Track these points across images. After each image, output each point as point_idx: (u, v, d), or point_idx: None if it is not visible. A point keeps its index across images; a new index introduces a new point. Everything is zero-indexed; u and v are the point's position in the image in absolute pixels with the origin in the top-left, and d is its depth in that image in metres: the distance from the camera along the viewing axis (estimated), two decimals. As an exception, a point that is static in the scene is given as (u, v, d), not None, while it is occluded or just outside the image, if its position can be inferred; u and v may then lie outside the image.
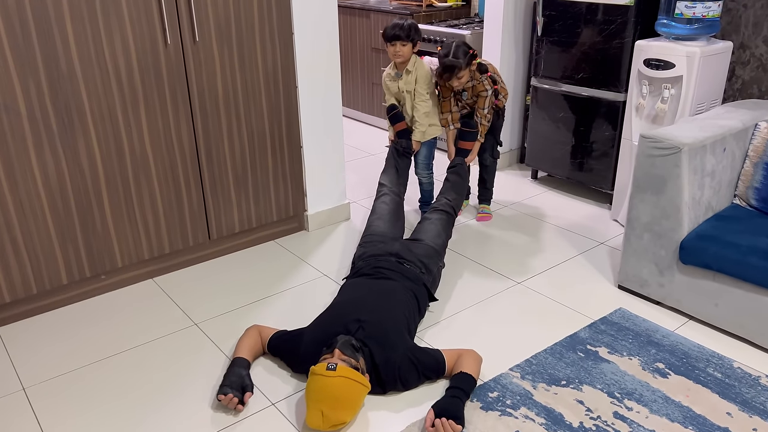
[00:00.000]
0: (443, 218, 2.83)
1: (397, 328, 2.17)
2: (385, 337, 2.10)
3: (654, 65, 2.94)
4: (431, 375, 2.12)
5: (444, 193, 3.00)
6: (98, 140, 2.52)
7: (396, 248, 2.59)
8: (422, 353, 2.12)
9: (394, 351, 2.07)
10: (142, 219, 2.73)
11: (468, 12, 4.74)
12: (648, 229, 2.52)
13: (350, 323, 2.12)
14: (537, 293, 2.71)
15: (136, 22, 2.46)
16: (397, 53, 2.99)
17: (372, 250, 2.62)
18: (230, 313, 2.60)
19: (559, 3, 3.41)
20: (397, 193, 3.01)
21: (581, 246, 3.12)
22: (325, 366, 1.88)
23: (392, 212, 2.89)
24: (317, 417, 1.86)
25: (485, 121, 3.14)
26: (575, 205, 3.60)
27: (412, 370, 2.07)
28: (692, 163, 2.38)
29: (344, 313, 2.20)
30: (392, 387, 2.08)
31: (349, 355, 1.95)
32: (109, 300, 2.71)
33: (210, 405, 2.08)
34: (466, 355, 2.13)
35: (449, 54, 2.94)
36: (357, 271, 2.53)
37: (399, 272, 2.44)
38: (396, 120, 3.14)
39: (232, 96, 2.81)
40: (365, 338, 2.06)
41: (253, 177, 3.01)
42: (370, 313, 2.16)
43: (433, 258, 2.62)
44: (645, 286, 2.61)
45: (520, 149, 4.22)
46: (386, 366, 2.04)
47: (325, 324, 2.19)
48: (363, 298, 2.28)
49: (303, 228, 3.32)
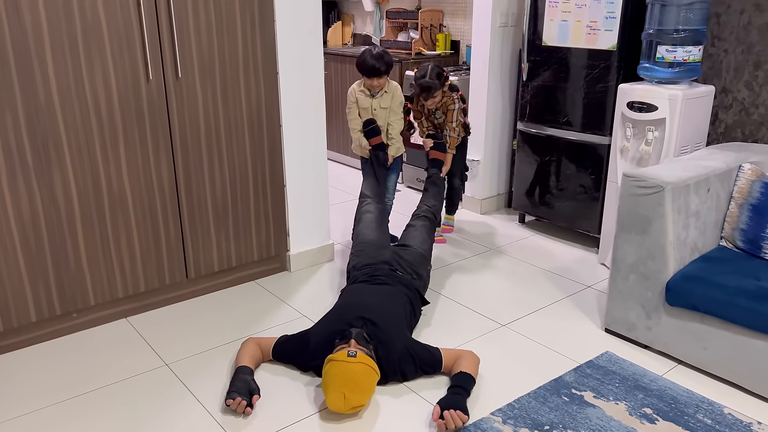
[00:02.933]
0: (426, 224, 3.03)
1: (397, 325, 2.34)
2: (387, 333, 2.26)
3: (637, 108, 2.95)
4: (428, 369, 2.28)
5: (424, 201, 3.22)
6: (75, 175, 2.48)
7: (388, 256, 2.75)
8: (421, 348, 2.29)
9: (394, 345, 2.24)
10: (117, 256, 2.67)
11: (456, 60, 4.81)
12: (633, 270, 2.47)
13: (355, 321, 2.28)
14: (522, 336, 2.63)
15: (118, 56, 2.46)
16: (377, 85, 3.18)
17: (365, 259, 2.77)
18: (203, 354, 2.51)
19: (543, 48, 3.45)
20: (379, 201, 3.19)
21: (568, 289, 3.06)
22: (345, 353, 2.04)
23: (377, 219, 3.06)
24: (339, 400, 2.00)
25: (454, 133, 3.38)
26: (562, 248, 3.55)
27: (410, 363, 2.24)
28: (676, 202, 2.35)
29: (348, 312, 2.35)
30: (393, 378, 2.25)
31: (364, 345, 2.13)
32: (79, 339, 2.61)
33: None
34: (465, 356, 2.28)
35: (426, 76, 3.21)
36: (354, 279, 2.68)
37: (394, 279, 2.61)
38: (374, 134, 3.27)
39: (214, 132, 2.80)
40: (370, 334, 2.23)
41: (234, 215, 2.97)
42: (372, 312, 2.32)
43: (421, 263, 2.82)
44: (632, 330, 2.54)
45: (507, 194, 4.20)
46: (388, 359, 2.21)
47: (330, 323, 2.35)
48: (364, 300, 2.45)
49: (285, 268, 3.25)
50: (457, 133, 3.38)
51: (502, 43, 3.83)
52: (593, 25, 3.19)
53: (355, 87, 3.30)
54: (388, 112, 3.27)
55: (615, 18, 3.09)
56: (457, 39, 4.81)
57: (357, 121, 3.30)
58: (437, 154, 3.40)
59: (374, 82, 3.16)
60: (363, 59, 3.12)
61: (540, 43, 3.46)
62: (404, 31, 5.08)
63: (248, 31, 2.77)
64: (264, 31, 2.82)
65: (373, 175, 3.29)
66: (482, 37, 3.81)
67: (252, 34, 2.78)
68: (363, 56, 3.13)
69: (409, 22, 5.01)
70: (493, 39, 3.78)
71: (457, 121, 3.36)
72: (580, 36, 3.26)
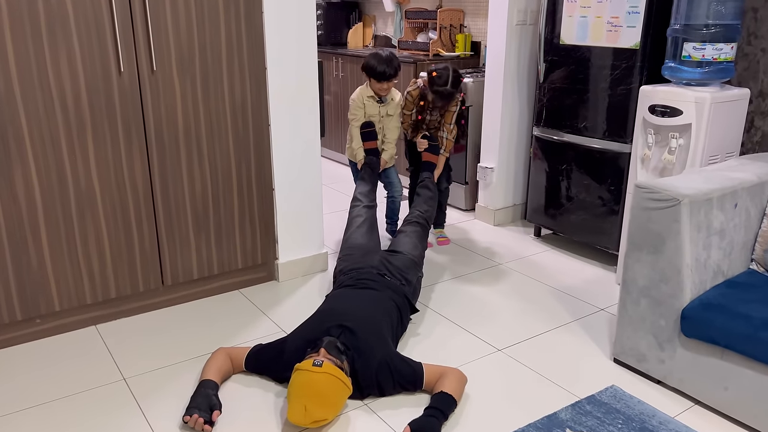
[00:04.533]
0: (418, 230, 2.89)
1: (379, 335, 2.17)
2: (366, 342, 2.11)
3: (660, 112, 2.64)
4: (407, 385, 2.10)
5: (416, 207, 3.06)
6: (38, 170, 2.33)
7: (376, 261, 2.62)
8: (401, 362, 2.11)
9: (372, 356, 2.08)
10: (85, 259, 2.50)
11: (477, 62, 4.54)
12: (645, 294, 2.17)
13: (333, 328, 2.13)
14: (518, 363, 2.36)
15: (86, 44, 2.30)
16: (386, 88, 3.12)
17: (353, 263, 2.63)
18: (165, 369, 2.31)
19: (560, 48, 3.17)
20: (371, 206, 3.05)
21: (578, 311, 2.76)
22: (311, 362, 1.90)
23: (369, 224, 2.93)
24: (300, 411, 1.85)
25: (450, 135, 3.23)
26: (578, 266, 3.25)
27: (389, 377, 2.08)
28: (695, 218, 2.05)
29: (328, 318, 2.20)
30: (369, 391, 2.09)
31: (335, 356, 1.98)
32: (41, 347, 2.45)
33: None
34: (450, 374, 2.09)
35: (447, 83, 3.04)
36: (340, 284, 2.55)
37: (381, 284, 2.46)
38: (371, 137, 3.16)
39: (193, 130, 2.61)
40: (347, 342, 2.08)
41: (216, 219, 2.77)
42: (353, 320, 2.17)
43: (412, 269, 2.66)
44: (643, 362, 2.24)
45: (523, 205, 3.91)
46: (365, 371, 2.06)
47: (308, 330, 2.19)
48: (347, 306, 2.30)
49: (273, 278, 3.05)
50: (453, 136, 3.26)
51: (520, 43, 3.56)
52: (614, 22, 2.90)
53: (361, 93, 3.19)
54: (391, 119, 3.22)
55: (638, 13, 2.79)
56: (477, 40, 4.55)
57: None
58: (430, 157, 3.26)
59: (383, 85, 3.09)
60: (372, 63, 3.06)
61: (557, 42, 3.18)
62: (424, 31, 4.85)
63: (232, 21, 2.58)
64: (251, 21, 2.62)
65: (369, 179, 3.17)
66: (498, 36, 3.55)
67: (237, 24, 2.59)
68: (371, 59, 3.07)
69: (429, 22, 4.78)
70: (510, 38, 3.52)
71: (453, 123, 3.24)
72: (600, 33, 2.97)
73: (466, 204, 4.05)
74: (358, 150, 3.22)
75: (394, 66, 3.07)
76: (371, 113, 3.18)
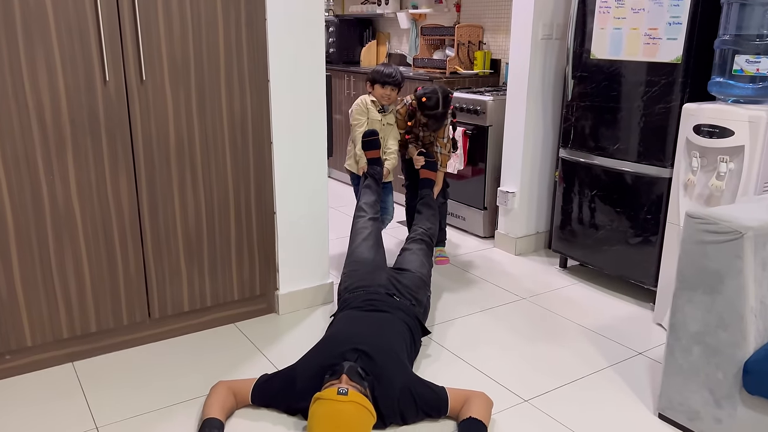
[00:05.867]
0: (423, 248, 2.78)
1: (397, 359, 2.04)
2: (385, 367, 1.97)
3: (707, 132, 2.36)
4: (431, 412, 1.97)
5: (419, 224, 2.94)
6: (9, 188, 2.08)
7: (384, 279, 2.48)
8: (423, 387, 1.98)
9: (393, 382, 1.95)
10: (62, 288, 2.24)
11: (496, 81, 4.29)
12: (698, 340, 1.86)
13: (348, 353, 1.98)
14: (547, 416, 2.05)
15: (66, 49, 2.06)
16: (389, 96, 3.02)
17: (359, 281, 2.48)
18: (143, 416, 2.03)
19: (591, 63, 2.90)
20: (376, 218, 2.89)
21: (613, 356, 2.45)
22: (335, 391, 1.77)
23: (375, 237, 2.76)
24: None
25: (445, 150, 3.11)
26: (610, 302, 2.94)
27: (411, 403, 1.94)
28: (759, 254, 1.75)
29: (340, 343, 2.05)
30: (392, 420, 1.95)
31: (357, 382, 1.85)
32: (9, 386, 2.19)
33: None
34: (476, 398, 1.97)
35: (437, 105, 2.92)
36: (346, 303, 2.39)
37: (392, 305, 2.32)
38: (374, 146, 3.02)
39: (187, 148, 2.37)
40: (365, 368, 1.94)
41: (211, 246, 2.51)
42: (367, 344, 2.03)
43: (421, 288, 2.54)
44: (695, 420, 1.92)
45: (547, 233, 3.62)
46: (385, 398, 1.92)
47: (321, 355, 2.04)
48: (358, 329, 2.16)
49: (273, 310, 2.77)
50: (448, 150, 3.14)
51: (545, 59, 3.31)
52: (653, 34, 2.63)
53: (364, 99, 3.06)
54: (392, 129, 3.12)
55: (680, 24, 2.53)
56: (497, 57, 4.30)
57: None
58: (429, 174, 3.13)
59: (387, 90, 3.00)
60: (378, 68, 3.05)
61: (588, 57, 2.92)
62: (440, 48, 4.61)
63: (232, 27, 2.35)
64: (252, 27, 2.39)
65: (375, 190, 3.00)
66: (521, 52, 3.30)
67: (237, 31, 2.36)
68: (377, 67, 3.06)
69: (446, 38, 4.55)
70: (534, 53, 3.26)
71: (447, 137, 3.12)
72: (636, 47, 2.70)
73: (484, 231, 3.76)
74: (361, 156, 3.04)
75: (400, 74, 3.04)
76: (374, 118, 3.05)
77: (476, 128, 3.63)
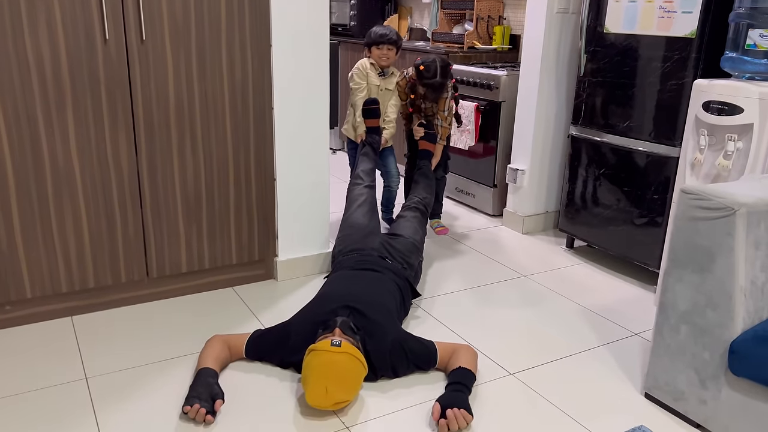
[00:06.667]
0: (417, 216, 2.83)
1: (388, 315, 2.12)
2: (376, 323, 2.04)
3: (716, 110, 2.28)
4: (422, 365, 2.07)
5: (414, 193, 2.99)
6: (10, 144, 2.13)
7: (377, 243, 2.55)
8: (414, 342, 2.07)
9: (384, 337, 2.02)
10: (61, 243, 2.29)
11: (515, 56, 4.21)
12: (687, 320, 1.82)
13: (340, 309, 2.05)
14: (530, 390, 2.03)
15: (67, 6, 2.08)
16: (386, 56, 3.00)
17: (353, 244, 2.56)
18: (134, 369, 2.07)
19: (604, 37, 2.82)
20: (372, 186, 2.91)
21: (608, 335, 2.41)
22: (329, 342, 1.83)
23: (370, 204, 2.81)
24: (320, 393, 1.78)
25: (445, 123, 3.10)
26: (613, 283, 2.89)
27: (402, 357, 2.02)
28: (752, 232, 1.69)
29: (332, 300, 2.12)
30: (383, 373, 2.03)
31: (350, 336, 1.92)
32: (8, 336, 2.25)
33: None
34: (462, 350, 2.06)
35: (436, 75, 2.93)
36: (340, 265, 2.47)
37: (383, 266, 2.40)
38: (374, 115, 3.00)
39: (186, 110, 2.38)
40: (357, 323, 2.01)
41: (209, 209, 2.53)
42: (359, 300, 2.10)
43: (413, 253, 2.60)
44: (680, 400, 1.89)
45: (557, 212, 3.57)
46: (377, 352, 1.99)
47: (313, 312, 2.11)
48: (351, 287, 2.23)
49: (271, 276, 2.79)
50: (449, 123, 3.13)
51: (560, 33, 3.23)
52: (668, 7, 2.54)
53: (364, 62, 3.05)
54: (391, 95, 3.10)
55: (696, -4, 2.43)
56: (517, 33, 4.21)
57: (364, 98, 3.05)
58: (427, 145, 3.14)
59: (383, 50, 2.98)
60: (373, 29, 3.04)
61: (601, 31, 2.84)
62: (460, 23, 4.54)
63: (233, -8, 2.34)
64: (254, -7, 2.38)
65: (372, 158, 3.01)
66: (536, 26, 3.22)
67: (238, -4, 2.36)
68: (370, 30, 3.07)
69: (467, 12, 4.47)
70: (549, 27, 3.19)
71: (448, 109, 3.10)
72: (650, 20, 2.62)
73: (493, 209, 3.72)
74: (360, 123, 3.03)
75: (395, 33, 3.02)
76: (373, 83, 3.04)
77: (489, 104, 3.58)
